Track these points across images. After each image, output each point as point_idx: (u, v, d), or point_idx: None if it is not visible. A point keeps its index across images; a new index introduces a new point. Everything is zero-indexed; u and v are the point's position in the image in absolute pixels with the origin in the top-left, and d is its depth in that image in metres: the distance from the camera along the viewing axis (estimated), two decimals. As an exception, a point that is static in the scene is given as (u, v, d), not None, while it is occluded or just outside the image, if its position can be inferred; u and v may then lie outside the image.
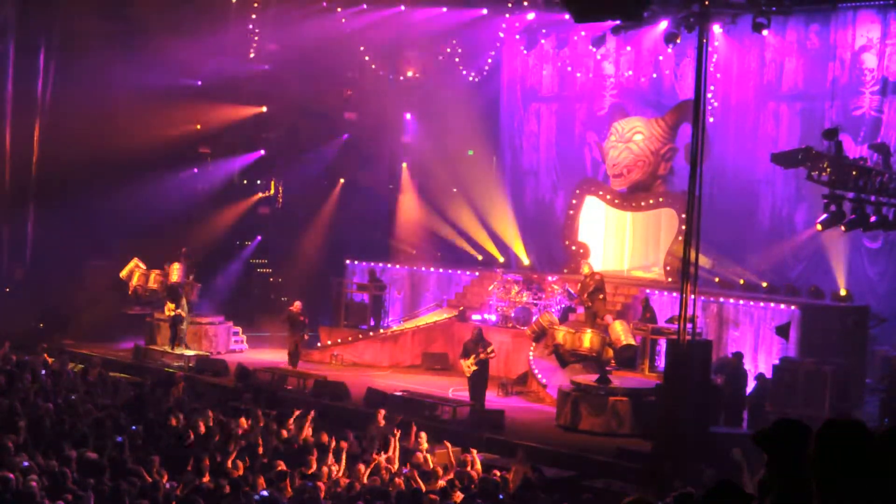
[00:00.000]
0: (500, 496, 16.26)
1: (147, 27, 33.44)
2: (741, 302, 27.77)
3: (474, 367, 24.74)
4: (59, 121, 34.11)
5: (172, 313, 30.20)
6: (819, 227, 24.40)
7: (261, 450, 18.19)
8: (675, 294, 25.16)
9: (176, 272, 30.92)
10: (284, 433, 19.95)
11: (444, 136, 37.16)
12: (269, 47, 37.61)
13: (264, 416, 21.25)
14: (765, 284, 29.50)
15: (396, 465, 18.20)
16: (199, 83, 37.12)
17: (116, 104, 33.88)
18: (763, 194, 30.31)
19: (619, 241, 35.43)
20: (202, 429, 19.19)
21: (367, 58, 36.78)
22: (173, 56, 34.13)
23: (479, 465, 18.63)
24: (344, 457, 18.13)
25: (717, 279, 29.79)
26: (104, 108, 33.68)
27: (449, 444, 19.22)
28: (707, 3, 22.92)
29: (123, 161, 33.65)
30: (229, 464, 16.43)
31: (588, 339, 24.42)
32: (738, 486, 6.33)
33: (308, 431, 20.19)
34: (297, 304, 29.66)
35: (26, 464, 14.83)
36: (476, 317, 30.69)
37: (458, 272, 34.51)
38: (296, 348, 29.19)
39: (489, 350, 24.83)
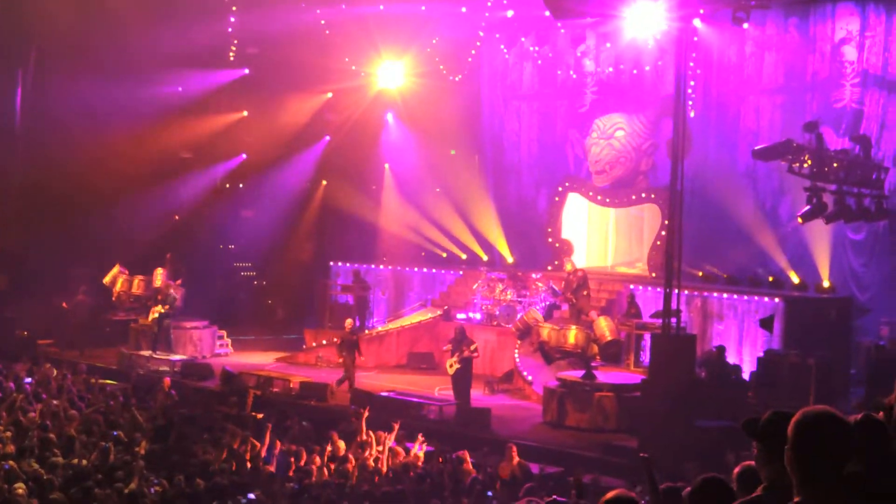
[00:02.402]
0: (489, 493, 16.28)
1: (125, 36, 33.28)
2: (725, 295, 27.84)
3: (457, 366, 24.75)
4: (39, 134, 33.96)
5: (157, 315, 30.14)
6: (800, 219, 24.45)
7: (248, 454, 18.16)
8: (659, 289, 25.17)
9: (160, 277, 30.85)
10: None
11: (425, 136, 37.14)
12: (249, 51, 37.55)
13: (251, 419, 21.26)
14: (749, 278, 29.56)
15: (383, 464, 18.18)
16: (180, 89, 37.08)
17: (97, 115, 33.76)
18: (746, 188, 30.31)
19: (602, 237, 35.49)
20: (188, 433, 19.15)
21: (346, 59, 36.72)
22: (152, 64, 34.03)
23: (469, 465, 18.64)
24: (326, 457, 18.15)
25: (700, 273, 29.83)
26: (85, 120, 33.58)
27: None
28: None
29: (106, 170, 33.55)
30: (216, 468, 16.40)
31: (573, 335, 24.46)
32: (724, 481, 6.34)
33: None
34: (349, 323, 28.34)
35: (7, 466, 14.78)
36: (461, 315, 30.71)
37: (443, 271, 34.54)
38: (351, 366, 27.04)
39: (472, 349, 24.82)
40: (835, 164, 23.74)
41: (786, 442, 4.63)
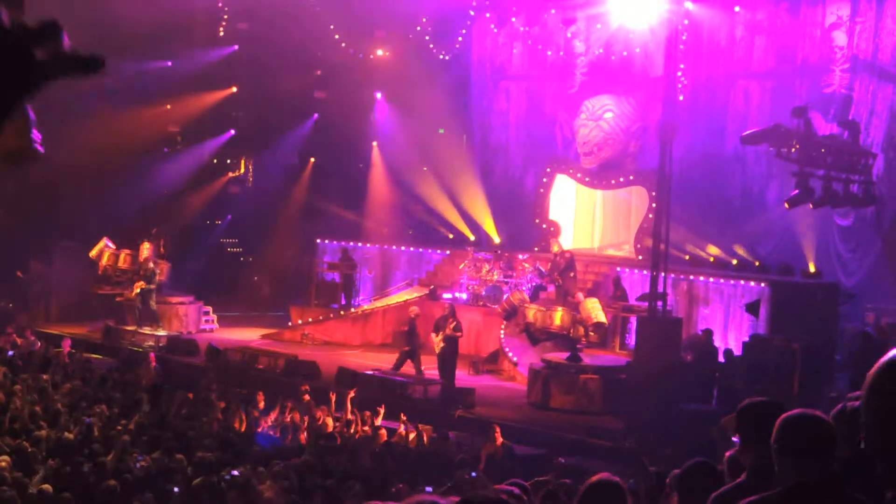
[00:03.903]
0: (474, 473, 16.29)
1: (115, 11, 33.06)
2: (711, 280, 27.83)
3: (442, 344, 24.76)
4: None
5: (139, 290, 30.03)
6: (787, 204, 24.45)
7: (233, 430, 18.15)
8: (645, 272, 25.18)
9: (146, 251, 30.77)
10: (255, 413, 19.95)
11: (414, 114, 37.03)
12: (239, 26, 37.43)
13: (235, 396, 21.25)
14: (735, 262, 29.58)
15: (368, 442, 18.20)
16: (170, 64, 36.94)
17: (86, 90, 33.54)
18: (734, 172, 30.31)
19: (589, 218, 35.47)
20: (173, 408, 19.15)
21: (336, 36, 36.61)
22: (142, 39, 33.82)
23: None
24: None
25: (687, 257, 29.84)
26: (74, 95, 33.38)
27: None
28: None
29: (95, 145, 33.39)
30: (201, 443, 16.39)
31: (559, 316, 24.44)
32: (712, 465, 6.36)
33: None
34: (415, 310, 27.10)
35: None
36: (447, 295, 30.68)
37: (429, 251, 34.49)
38: (410, 353, 25.68)
39: (453, 327, 24.75)
40: (823, 150, 23.74)
41: (759, 428, 4.70)
